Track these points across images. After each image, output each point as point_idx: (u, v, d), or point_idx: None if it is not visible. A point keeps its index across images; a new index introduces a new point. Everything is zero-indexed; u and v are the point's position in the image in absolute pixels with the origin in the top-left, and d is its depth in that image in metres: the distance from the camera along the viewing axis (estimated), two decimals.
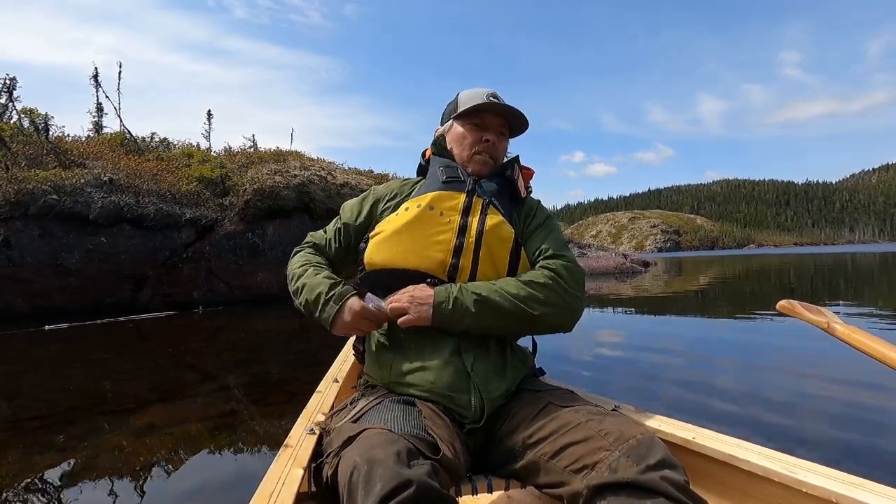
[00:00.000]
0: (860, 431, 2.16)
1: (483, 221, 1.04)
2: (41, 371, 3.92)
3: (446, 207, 1.06)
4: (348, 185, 10.40)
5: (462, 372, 0.95)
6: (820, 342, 3.87)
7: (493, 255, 1.03)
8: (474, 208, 1.06)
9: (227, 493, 1.74)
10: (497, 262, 1.04)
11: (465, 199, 1.07)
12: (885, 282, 10.42)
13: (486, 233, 1.03)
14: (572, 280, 1.03)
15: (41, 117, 9.43)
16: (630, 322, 5.75)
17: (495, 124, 1.14)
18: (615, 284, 11.94)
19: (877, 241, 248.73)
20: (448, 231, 1.03)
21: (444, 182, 1.10)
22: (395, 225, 1.05)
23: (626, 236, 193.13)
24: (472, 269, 1.02)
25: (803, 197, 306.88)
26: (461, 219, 1.04)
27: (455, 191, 1.08)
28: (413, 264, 1.02)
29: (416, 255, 1.02)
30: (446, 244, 1.02)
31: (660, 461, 0.71)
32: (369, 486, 0.63)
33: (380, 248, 1.05)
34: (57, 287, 7.91)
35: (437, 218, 1.05)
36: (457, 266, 1.02)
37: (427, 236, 1.03)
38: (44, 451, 2.15)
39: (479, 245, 1.02)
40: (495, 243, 1.04)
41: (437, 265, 1.02)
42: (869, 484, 0.69)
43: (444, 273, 1.02)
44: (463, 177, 1.11)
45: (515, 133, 1.21)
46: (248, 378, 3.44)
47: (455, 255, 1.02)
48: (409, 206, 1.07)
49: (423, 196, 1.08)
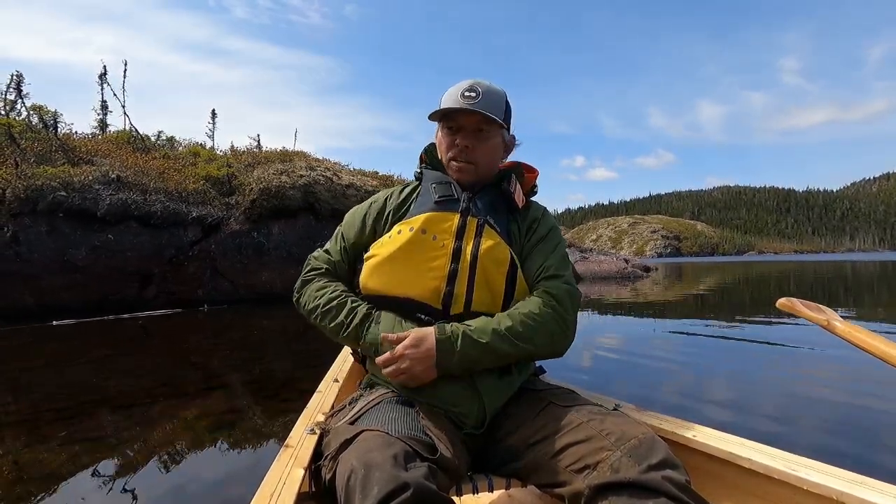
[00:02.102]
0: (859, 431, 2.20)
1: (478, 245, 1.01)
2: (48, 367, 3.95)
3: (440, 230, 1.02)
4: (353, 185, 10.46)
5: (466, 381, 0.94)
6: (820, 344, 3.93)
7: (489, 279, 1.00)
8: (468, 230, 1.03)
9: (227, 492, 1.75)
10: (493, 287, 1.00)
11: (459, 221, 1.03)
12: (885, 291, 10.47)
13: (481, 257, 1.00)
14: (570, 305, 1.00)
15: (50, 114, 9.51)
16: (632, 325, 5.79)
17: (470, 123, 1.05)
18: (617, 289, 11.98)
19: (877, 249, 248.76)
20: (442, 256, 1.00)
21: (436, 202, 1.06)
22: (388, 249, 1.03)
23: (626, 241, 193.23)
24: (468, 295, 0.99)
25: (804, 204, 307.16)
26: (455, 242, 1.01)
27: (448, 211, 1.04)
28: (407, 292, 1.00)
29: (409, 282, 1.00)
30: (440, 270, 0.99)
31: (661, 461, 0.72)
32: (366, 490, 0.63)
33: (374, 273, 1.04)
34: (64, 284, 7.97)
35: (430, 242, 1.01)
36: (451, 293, 0.99)
37: (421, 262, 1.00)
38: (47, 447, 2.17)
39: (473, 270, 0.99)
40: (490, 267, 1.00)
41: (431, 293, 0.99)
42: (871, 482, 0.70)
43: (438, 301, 0.99)
44: (456, 194, 1.07)
45: (507, 122, 1.09)
46: (252, 377, 3.46)
47: (449, 282, 0.99)
48: (401, 229, 1.04)
49: (416, 218, 1.04)
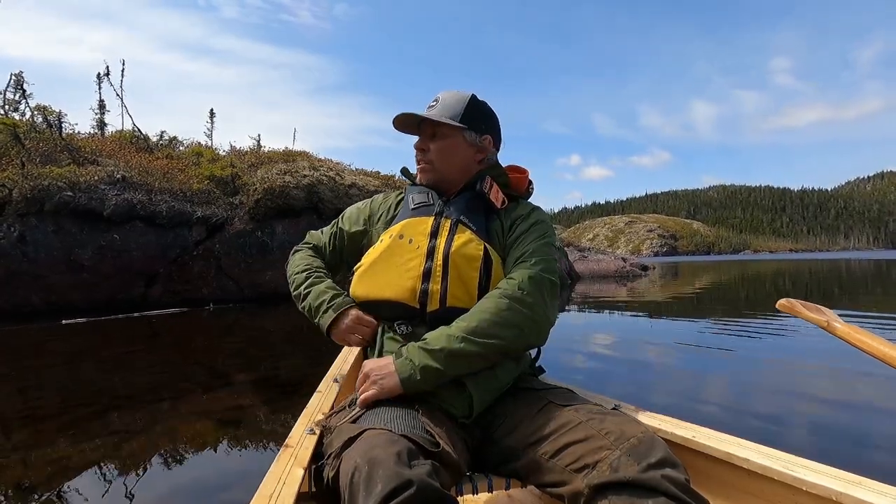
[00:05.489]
0: (859, 430, 2.29)
1: (450, 242, 1.03)
2: (56, 366, 4.00)
3: (415, 233, 1.07)
4: (356, 185, 10.56)
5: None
6: (818, 344, 4.05)
7: (462, 275, 1.02)
8: (442, 230, 1.06)
9: (228, 491, 1.74)
10: (467, 282, 1.02)
11: (433, 222, 1.07)
12: (880, 288, 10.65)
13: (453, 253, 1.02)
14: (536, 289, 0.97)
15: (54, 114, 9.54)
16: (631, 323, 5.90)
17: (425, 128, 1.14)
18: (616, 287, 12.11)
19: (871, 248, 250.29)
20: (417, 257, 1.04)
21: (412, 209, 1.12)
22: (371, 258, 1.08)
23: (622, 240, 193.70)
24: (442, 291, 1.01)
25: (799, 203, 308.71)
26: (429, 242, 1.05)
27: (423, 216, 1.09)
28: (387, 295, 1.04)
29: (389, 285, 1.04)
30: (415, 270, 1.03)
31: (661, 460, 0.72)
32: (370, 487, 0.64)
33: (360, 281, 1.09)
34: (70, 283, 8.04)
35: (406, 246, 1.05)
36: (427, 291, 1.01)
37: (398, 265, 1.04)
38: (50, 443, 2.18)
39: (446, 266, 1.01)
40: (462, 263, 1.02)
41: (408, 292, 1.02)
42: (868, 482, 0.70)
43: (414, 300, 1.02)
44: (431, 200, 1.12)
45: (471, 124, 1.12)
46: (256, 375, 3.51)
47: (424, 280, 1.02)
48: (383, 238, 1.10)
49: (396, 226, 1.10)
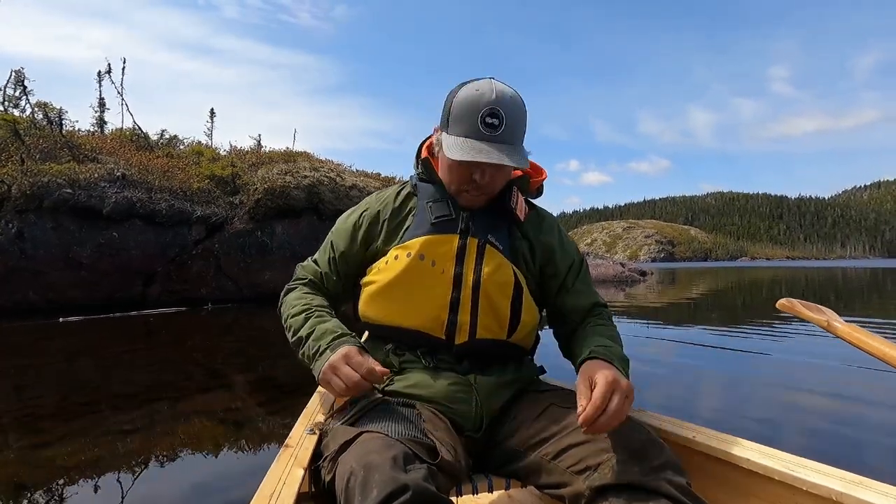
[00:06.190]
0: (859, 430, 2.30)
1: (479, 269, 0.96)
2: (55, 363, 3.96)
3: (438, 255, 0.97)
4: (356, 186, 10.55)
5: (465, 382, 0.94)
6: (816, 347, 4.07)
7: (494, 304, 0.96)
8: (469, 252, 0.97)
9: (228, 491, 1.74)
10: (498, 311, 0.97)
11: (459, 243, 0.97)
12: (877, 296, 10.71)
13: (484, 282, 0.95)
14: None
15: (55, 111, 9.52)
16: (631, 327, 5.92)
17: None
18: (614, 293, 12.15)
19: (867, 256, 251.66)
20: (442, 284, 0.96)
21: (433, 224, 0.99)
22: (386, 277, 0.98)
23: (620, 245, 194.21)
24: (472, 323, 0.96)
25: (796, 211, 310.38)
26: (455, 268, 0.96)
27: (446, 233, 0.98)
28: (409, 323, 0.97)
29: (410, 312, 0.97)
30: (441, 299, 0.96)
31: (662, 463, 0.72)
32: (366, 492, 0.63)
33: (372, 302, 1.01)
34: (68, 281, 8.00)
35: (429, 269, 0.96)
36: (455, 322, 0.96)
37: (421, 291, 0.96)
38: (47, 443, 2.17)
39: (476, 297, 0.95)
40: (495, 291, 0.96)
41: (434, 322, 0.96)
42: (869, 482, 0.70)
43: (441, 331, 0.96)
44: (454, 213, 1.00)
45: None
46: (256, 375, 3.50)
47: (452, 311, 0.95)
48: (398, 254, 0.98)
49: (413, 242, 0.98)
